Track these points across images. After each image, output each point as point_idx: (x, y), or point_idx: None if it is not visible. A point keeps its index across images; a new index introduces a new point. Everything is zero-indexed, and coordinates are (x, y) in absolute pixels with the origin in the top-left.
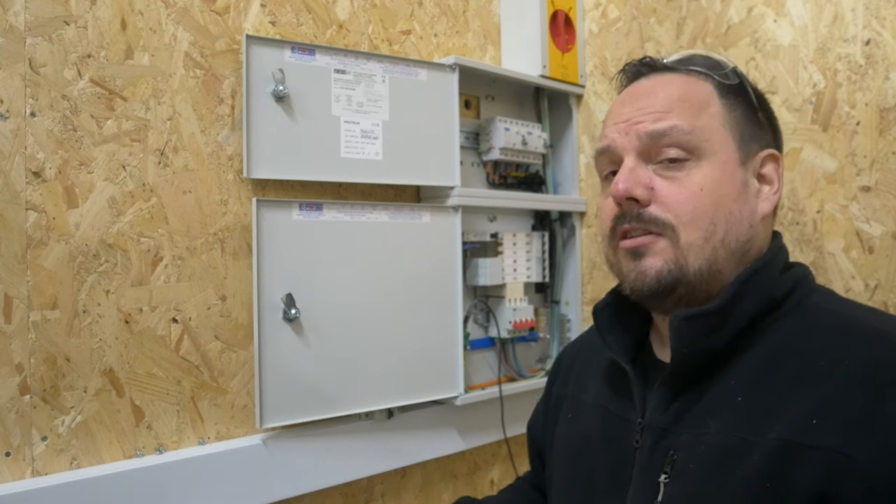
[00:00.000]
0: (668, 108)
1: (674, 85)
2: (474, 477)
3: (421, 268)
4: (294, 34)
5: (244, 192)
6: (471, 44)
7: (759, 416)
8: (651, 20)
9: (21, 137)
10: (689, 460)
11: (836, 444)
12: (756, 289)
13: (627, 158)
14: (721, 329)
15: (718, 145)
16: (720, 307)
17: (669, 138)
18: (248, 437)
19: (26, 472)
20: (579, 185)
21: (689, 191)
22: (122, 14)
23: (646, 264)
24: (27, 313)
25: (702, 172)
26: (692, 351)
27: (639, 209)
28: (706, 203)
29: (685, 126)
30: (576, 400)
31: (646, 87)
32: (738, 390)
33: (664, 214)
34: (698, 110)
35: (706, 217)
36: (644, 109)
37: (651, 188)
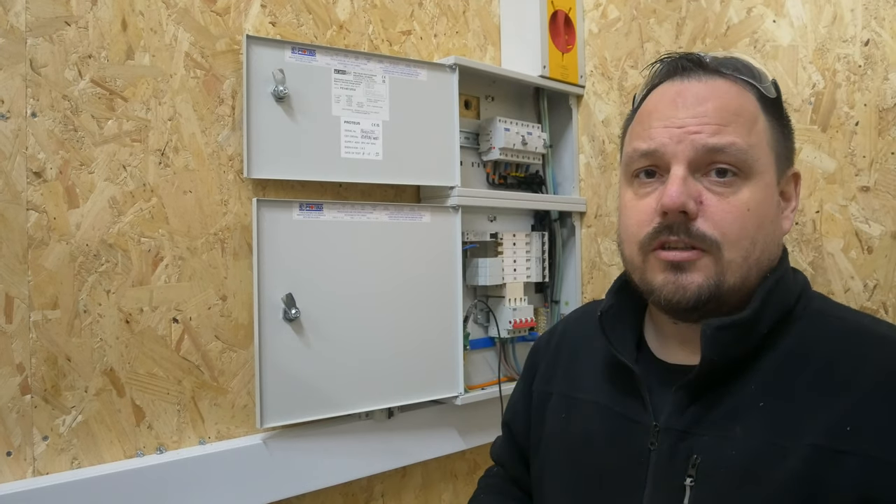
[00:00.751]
0: (725, 120)
1: (728, 95)
2: (474, 476)
3: (421, 268)
4: (294, 34)
5: (244, 192)
6: (471, 44)
7: (786, 422)
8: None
9: (22, 138)
10: (717, 464)
11: (872, 449)
12: (778, 299)
13: (677, 167)
14: (748, 337)
15: (765, 166)
16: (751, 317)
17: (727, 155)
18: (248, 437)
19: (27, 472)
20: (579, 185)
21: (737, 210)
22: (123, 14)
23: (687, 279)
24: (28, 313)
25: (749, 192)
26: (724, 359)
27: (687, 222)
28: (751, 224)
29: (743, 144)
30: (567, 398)
31: (698, 91)
32: (759, 395)
33: (712, 231)
34: (751, 126)
35: (748, 238)
36: (701, 118)
37: (700, 202)
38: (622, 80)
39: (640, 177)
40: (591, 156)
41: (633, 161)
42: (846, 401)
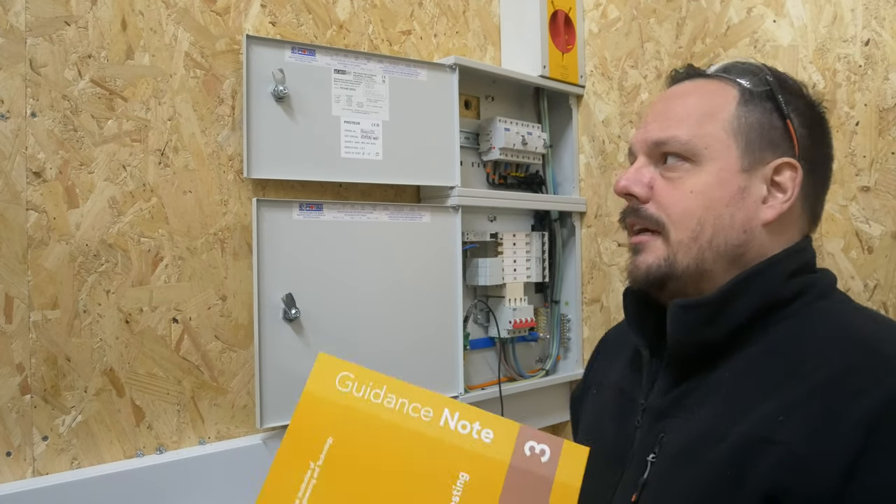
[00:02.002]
0: (677, 116)
1: (694, 94)
2: None
3: (421, 268)
4: (294, 34)
5: (244, 192)
6: (471, 44)
7: (736, 408)
8: (651, 20)
9: (22, 138)
10: (675, 443)
11: (793, 441)
12: (756, 288)
13: (640, 158)
14: (715, 322)
15: (718, 152)
16: (714, 300)
17: (667, 146)
18: (248, 437)
19: (27, 472)
20: (579, 185)
21: (680, 192)
22: (123, 14)
23: (640, 259)
24: (28, 313)
25: (696, 176)
26: (687, 339)
27: (638, 205)
28: (694, 205)
29: (682, 137)
30: (603, 380)
31: (670, 94)
32: (728, 383)
33: (657, 212)
34: (704, 118)
35: (693, 217)
36: (658, 116)
37: (651, 187)
38: (622, 80)
39: None
40: (591, 156)
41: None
42: (791, 394)
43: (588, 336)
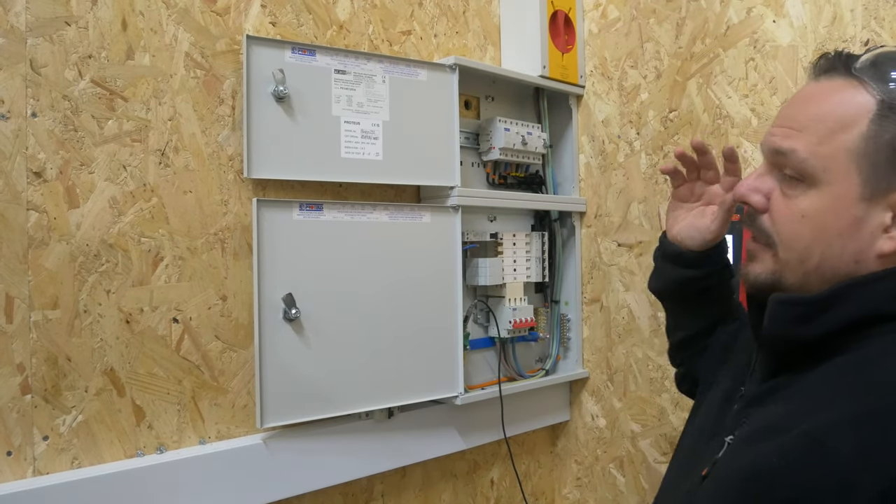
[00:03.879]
0: (801, 125)
1: (825, 97)
2: (474, 476)
3: (421, 268)
4: (294, 34)
5: (244, 192)
6: (471, 44)
7: (806, 408)
8: (651, 20)
9: (22, 138)
10: (749, 429)
11: (847, 453)
12: (858, 298)
13: (764, 164)
14: (810, 322)
15: (837, 176)
16: (813, 300)
17: (786, 159)
18: (248, 437)
19: (27, 472)
20: (579, 185)
21: (792, 213)
22: (123, 14)
23: (750, 268)
24: (28, 313)
25: (810, 200)
26: (780, 334)
27: (755, 215)
28: (804, 231)
29: (803, 153)
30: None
31: (806, 93)
32: (814, 383)
33: (770, 228)
34: (829, 134)
35: (801, 243)
36: (785, 121)
37: (769, 198)
38: (622, 80)
39: None
40: (591, 156)
41: None
42: (861, 407)
43: (588, 336)
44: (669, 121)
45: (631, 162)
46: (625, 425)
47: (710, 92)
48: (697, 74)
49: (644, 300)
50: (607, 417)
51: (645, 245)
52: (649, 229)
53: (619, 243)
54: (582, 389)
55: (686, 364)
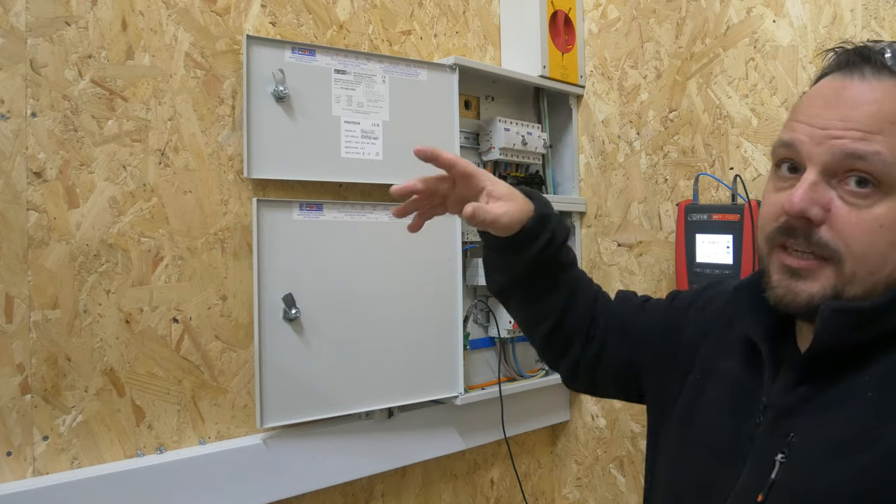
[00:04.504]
0: (875, 127)
1: (889, 99)
2: (474, 476)
3: (421, 268)
4: (294, 34)
5: (244, 192)
6: (471, 44)
7: (887, 412)
8: (651, 20)
9: (22, 138)
10: (809, 443)
11: None
12: None
13: (811, 170)
14: (869, 327)
15: None
16: (875, 308)
17: (868, 164)
18: (248, 437)
19: (27, 472)
20: (579, 185)
21: (867, 224)
22: (123, 14)
23: (801, 287)
24: (28, 313)
25: (885, 207)
26: (836, 343)
27: (809, 228)
28: (882, 241)
29: (888, 156)
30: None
31: (856, 92)
32: (871, 386)
33: (835, 241)
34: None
35: (879, 254)
36: (848, 122)
37: (828, 210)
38: (622, 80)
39: (782, 168)
40: (591, 156)
41: (776, 150)
42: None
43: None
44: (669, 121)
45: (631, 162)
46: (625, 425)
47: (710, 92)
48: (697, 74)
49: None
50: (607, 417)
51: (645, 245)
52: (649, 229)
53: (619, 243)
54: None
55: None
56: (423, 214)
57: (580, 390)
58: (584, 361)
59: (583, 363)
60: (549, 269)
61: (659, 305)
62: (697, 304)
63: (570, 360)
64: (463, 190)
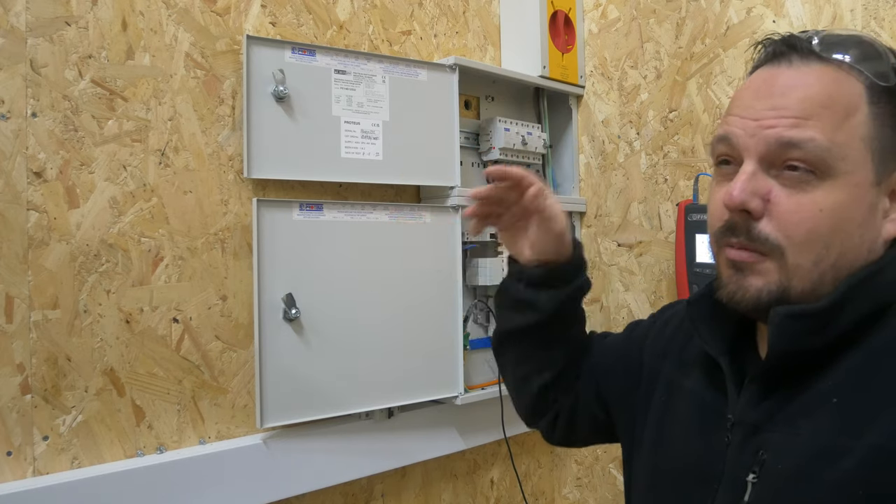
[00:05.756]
0: (807, 112)
1: (820, 83)
2: (474, 476)
3: (421, 268)
4: (294, 35)
5: (244, 192)
6: (471, 44)
7: (855, 420)
8: (651, 20)
9: (22, 138)
10: (778, 461)
11: None
12: (867, 293)
13: (748, 162)
14: (824, 330)
15: (853, 165)
16: (827, 308)
17: (802, 151)
18: (248, 437)
19: (27, 472)
20: (579, 185)
21: (807, 210)
22: (123, 15)
23: (747, 281)
24: (28, 313)
25: (825, 192)
26: (792, 350)
27: (750, 222)
28: (824, 226)
29: (823, 141)
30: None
31: (786, 79)
32: (834, 391)
33: (775, 234)
34: (841, 120)
35: (820, 241)
36: (779, 111)
37: (768, 200)
38: (622, 81)
39: (721, 165)
40: (591, 156)
41: (713, 147)
42: None
43: None
44: (669, 121)
45: (631, 162)
46: None
47: (710, 92)
48: (697, 74)
49: (644, 300)
50: None
51: (645, 245)
52: (649, 229)
53: (619, 243)
54: None
55: (560, 402)
56: (485, 221)
57: (558, 443)
58: (563, 413)
59: (562, 415)
60: (570, 314)
61: (617, 339)
62: (655, 329)
63: (552, 415)
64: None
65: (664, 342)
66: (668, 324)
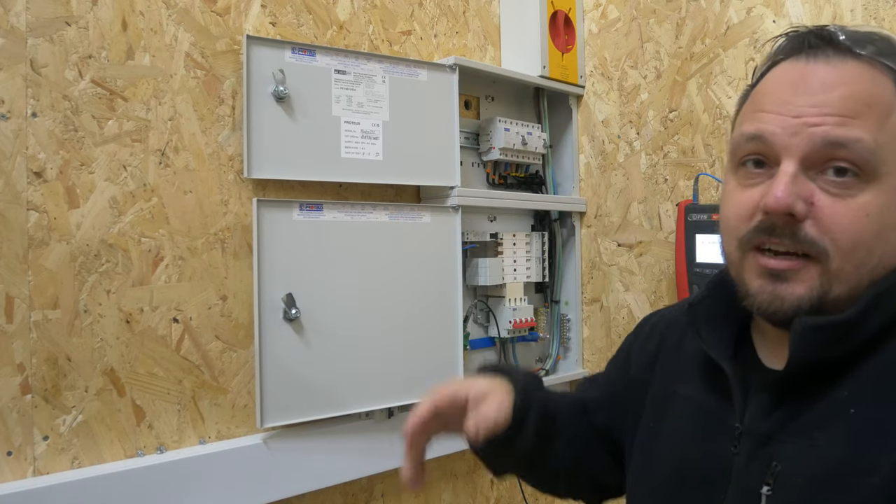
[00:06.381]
0: (852, 112)
1: (861, 81)
2: (474, 476)
3: (421, 268)
4: (294, 35)
5: (245, 192)
6: (471, 44)
7: (876, 433)
8: (651, 21)
9: (22, 138)
10: (796, 473)
11: None
12: (890, 302)
13: (788, 162)
14: (846, 340)
15: (894, 167)
16: (853, 319)
17: (850, 152)
18: (248, 437)
19: (28, 472)
20: (579, 185)
21: (854, 214)
22: (123, 15)
23: (786, 290)
24: (28, 313)
25: (870, 195)
26: (812, 360)
27: (793, 225)
28: (870, 231)
29: (870, 141)
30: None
31: (825, 75)
32: (852, 402)
33: (822, 237)
34: (883, 120)
35: (864, 246)
36: (822, 108)
37: (811, 203)
38: (622, 80)
39: (748, 165)
40: (591, 156)
41: (740, 146)
42: None
43: (588, 336)
44: (669, 121)
45: (631, 162)
46: None
47: (710, 92)
48: (697, 74)
49: (644, 300)
50: None
51: (645, 245)
52: (649, 229)
53: (619, 243)
54: None
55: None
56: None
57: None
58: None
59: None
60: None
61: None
62: (639, 340)
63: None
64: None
65: (652, 348)
66: (654, 329)
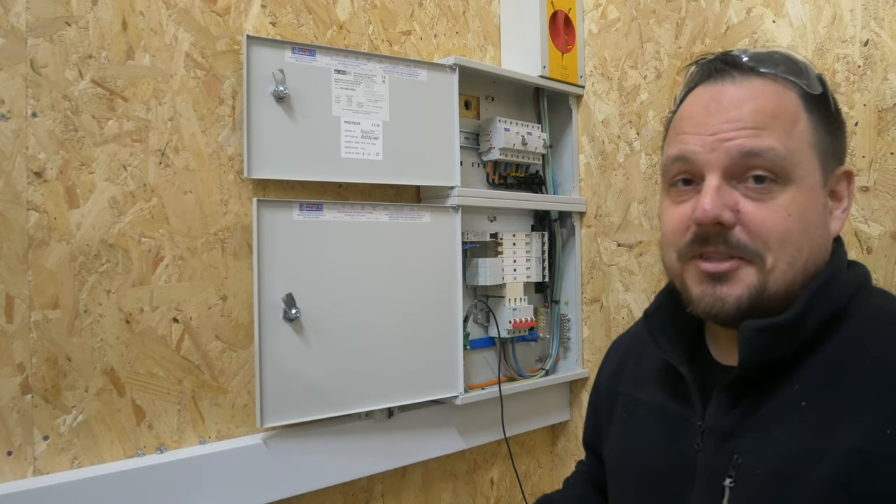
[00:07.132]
0: (761, 123)
1: (766, 96)
2: (474, 476)
3: (421, 268)
4: (294, 35)
5: (245, 192)
6: (471, 44)
7: (827, 423)
8: (650, 21)
9: (22, 138)
10: (756, 465)
11: None
12: (826, 299)
13: (711, 176)
14: (790, 339)
15: (805, 170)
16: (793, 319)
17: (763, 160)
18: (248, 437)
19: (28, 472)
20: (579, 185)
21: (777, 215)
22: (123, 15)
23: (725, 291)
24: (28, 313)
25: (788, 196)
26: (760, 361)
27: (724, 232)
28: (794, 228)
29: (781, 149)
30: (631, 398)
31: (733, 94)
32: (803, 395)
33: (753, 240)
34: (790, 128)
35: (793, 243)
36: (735, 123)
37: (737, 210)
38: (622, 81)
39: (678, 185)
40: (591, 156)
41: (668, 168)
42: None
43: (588, 336)
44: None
45: (631, 162)
46: None
47: None
48: None
49: (644, 300)
50: None
51: (645, 245)
52: (649, 229)
53: (619, 243)
54: (582, 389)
55: None
56: None
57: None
58: None
59: None
60: None
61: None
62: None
63: None
64: None
65: (617, 361)
66: (620, 345)
